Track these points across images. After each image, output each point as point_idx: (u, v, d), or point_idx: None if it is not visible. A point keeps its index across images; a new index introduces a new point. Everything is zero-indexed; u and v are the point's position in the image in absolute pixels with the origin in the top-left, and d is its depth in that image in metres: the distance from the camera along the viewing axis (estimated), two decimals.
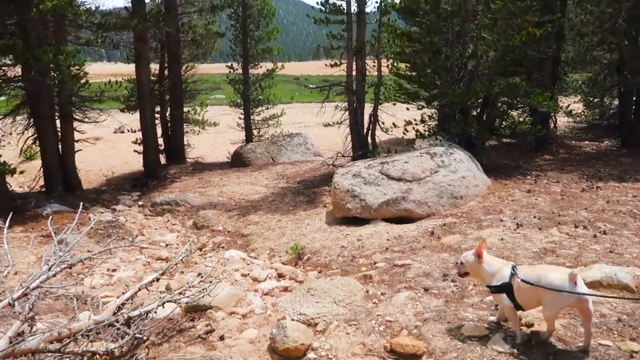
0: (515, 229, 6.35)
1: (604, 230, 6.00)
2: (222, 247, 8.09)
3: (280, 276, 6.23)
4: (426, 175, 7.64)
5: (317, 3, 12.38)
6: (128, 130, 19.75)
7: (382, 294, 4.86)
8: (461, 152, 8.59)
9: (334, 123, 12.73)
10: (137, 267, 7.10)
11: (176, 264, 5.48)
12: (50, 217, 9.99)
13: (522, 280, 3.52)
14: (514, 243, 5.82)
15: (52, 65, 10.32)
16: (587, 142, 15.57)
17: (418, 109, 13.04)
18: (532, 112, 13.97)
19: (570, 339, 3.70)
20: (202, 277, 6.03)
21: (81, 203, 7.88)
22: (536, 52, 12.30)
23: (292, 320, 4.44)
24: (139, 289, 4.40)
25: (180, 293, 4.42)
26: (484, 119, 10.67)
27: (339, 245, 6.86)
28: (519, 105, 13.51)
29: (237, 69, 18.23)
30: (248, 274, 6.15)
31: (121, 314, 3.77)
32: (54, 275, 3.90)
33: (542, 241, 5.82)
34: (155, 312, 4.11)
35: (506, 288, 3.60)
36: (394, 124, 10.92)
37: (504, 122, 11.07)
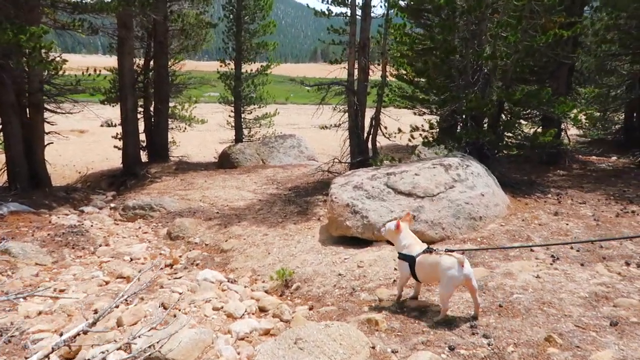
0: (551, 263, 5.21)
1: None
2: (197, 265, 6.89)
3: (262, 311, 5.04)
4: (440, 191, 6.49)
5: None
6: (116, 124, 18.54)
7: (393, 351, 3.69)
8: (477, 164, 7.47)
9: (331, 125, 11.58)
10: (90, 289, 5.86)
11: (116, 306, 4.27)
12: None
13: (447, 250, 4.14)
14: (555, 283, 4.68)
15: (25, 48, 9.09)
16: (595, 157, 14.58)
17: (418, 114, 11.91)
18: (544, 123, 12.96)
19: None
20: (163, 309, 4.85)
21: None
22: (552, 59, 11.28)
23: None
24: (53, 350, 3.18)
25: (120, 348, 3.21)
26: (500, 127, 9.55)
27: (335, 272, 5.68)
28: (528, 115, 12.46)
29: (229, 64, 17.03)
30: (221, 308, 4.94)
31: None
32: None
33: (589, 282, 4.68)
34: None
35: (409, 259, 4.30)
36: (399, 129, 9.77)
37: (521, 133, 9.98)
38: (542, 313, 4.12)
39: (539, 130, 11.78)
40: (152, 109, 15.78)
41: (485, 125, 9.97)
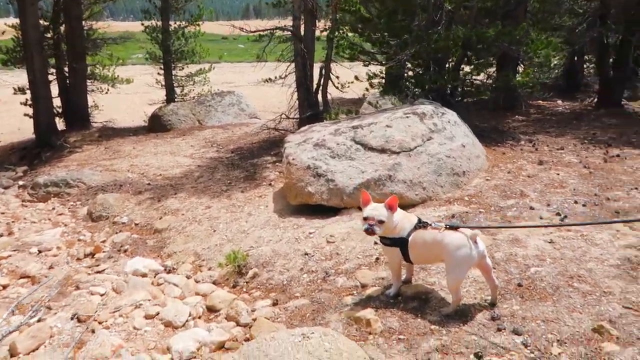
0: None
1: None
2: (125, 252, 5.57)
3: (211, 311, 3.88)
4: (418, 145, 5.46)
5: None
6: (25, 89, 16.25)
7: None
8: (452, 111, 6.50)
9: (276, 78, 10.20)
10: None
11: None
12: None
13: (449, 226, 3.16)
14: (574, 249, 3.82)
15: None
16: (541, 101, 14.20)
17: (364, 64, 10.66)
18: (499, 65, 12.22)
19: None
20: (78, 322, 3.59)
21: None
22: None
23: None
24: None
25: None
26: (470, 70, 8.64)
27: (299, 251, 4.57)
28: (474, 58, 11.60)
29: (154, 16, 14.96)
30: (157, 314, 3.74)
31: None
32: None
33: (614, 244, 3.85)
34: None
35: (402, 243, 3.28)
36: (356, 77, 8.62)
37: (490, 77, 9.13)
38: (575, 291, 3.23)
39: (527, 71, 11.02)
40: (66, 69, 13.65)
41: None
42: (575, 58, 16.22)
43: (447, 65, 9.11)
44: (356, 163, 5.26)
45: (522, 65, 12.29)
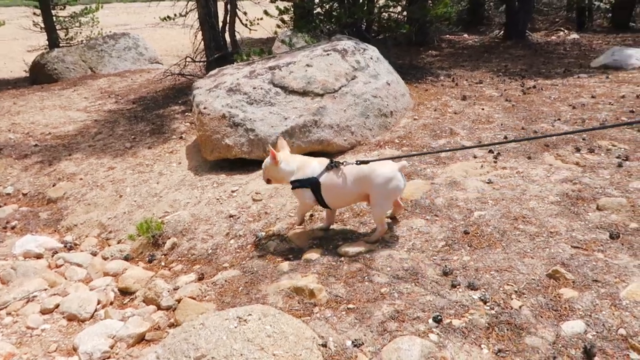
0: (495, 161, 4.21)
1: (620, 154, 4.15)
2: (12, 229, 4.74)
3: (125, 294, 3.33)
4: (342, 85, 5.02)
5: None
6: None
7: (356, 345, 2.35)
8: (373, 47, 6.08)
9: (176, 15, 9.12)
10: None
11: None
12: None
13: (359, 162, 3.10)
14: (513, 188, 3.68)
15: None
16: (449, 35, 14.31)
17: (271, 1, 9.87)
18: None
19: None
20: None
21: None
22: None
23: None
24: None
25: None
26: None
27: (223, 213, 4.07)
28: None
29: None
30: (57, 307, 3.12)
31: None
32: None
33: (550, 180, 3.76)
34: None
35: (312, 184, 3.17)
36: (266, 12, 7.87)
37: (404, 10, 8.77)
38: (522, 234, 3.08)
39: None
40: None
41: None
42: None
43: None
44: (277, 109, 4.73)
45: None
